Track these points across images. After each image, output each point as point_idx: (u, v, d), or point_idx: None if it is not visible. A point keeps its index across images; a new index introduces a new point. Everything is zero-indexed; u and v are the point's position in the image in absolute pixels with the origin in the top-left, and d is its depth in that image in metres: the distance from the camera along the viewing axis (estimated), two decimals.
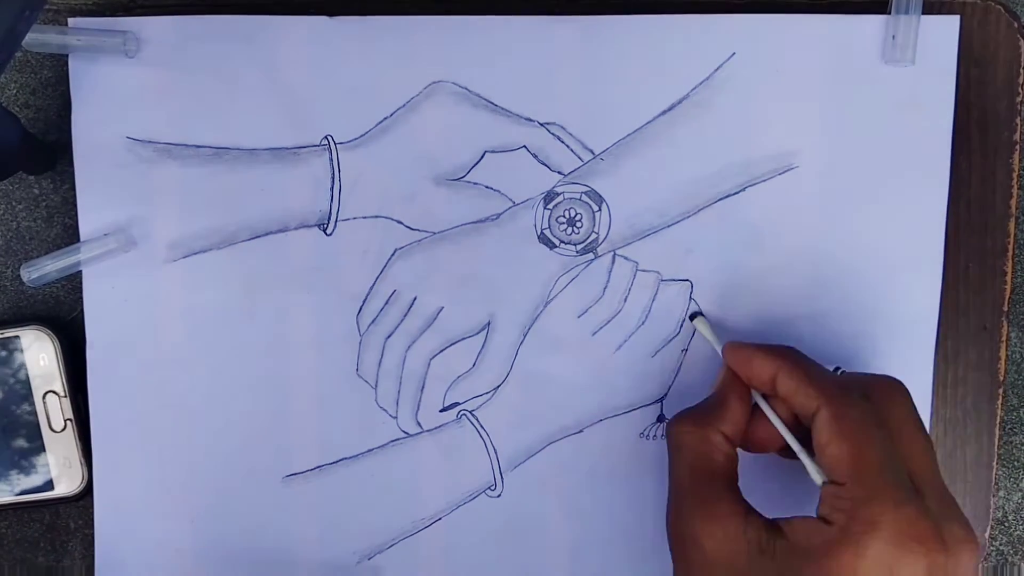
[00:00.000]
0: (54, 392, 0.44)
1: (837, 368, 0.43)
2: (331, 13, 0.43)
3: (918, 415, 0.38)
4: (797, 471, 0.39)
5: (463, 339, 0.44)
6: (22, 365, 0.44)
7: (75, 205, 0.43)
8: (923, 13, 0.42)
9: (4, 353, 0.44)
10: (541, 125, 0.43)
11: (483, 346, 0.44)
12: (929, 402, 0.44)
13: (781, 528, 0.36)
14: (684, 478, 0.38)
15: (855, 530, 0.34)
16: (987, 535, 0.45)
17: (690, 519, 0.37)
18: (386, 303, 0.44)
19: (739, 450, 0.39)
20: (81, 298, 0.44)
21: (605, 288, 0.44)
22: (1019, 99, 0.44)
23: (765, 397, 0.40)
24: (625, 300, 0.44)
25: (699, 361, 0.44)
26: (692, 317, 0.44)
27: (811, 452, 0.38)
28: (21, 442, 0.44)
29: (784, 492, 0.43)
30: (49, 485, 0.44)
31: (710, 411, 0.40)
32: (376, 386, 0.44)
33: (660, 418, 0.45)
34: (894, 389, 0.38)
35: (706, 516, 0.37)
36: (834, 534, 0.34)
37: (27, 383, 0.44)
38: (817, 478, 0.37)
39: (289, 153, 0.43)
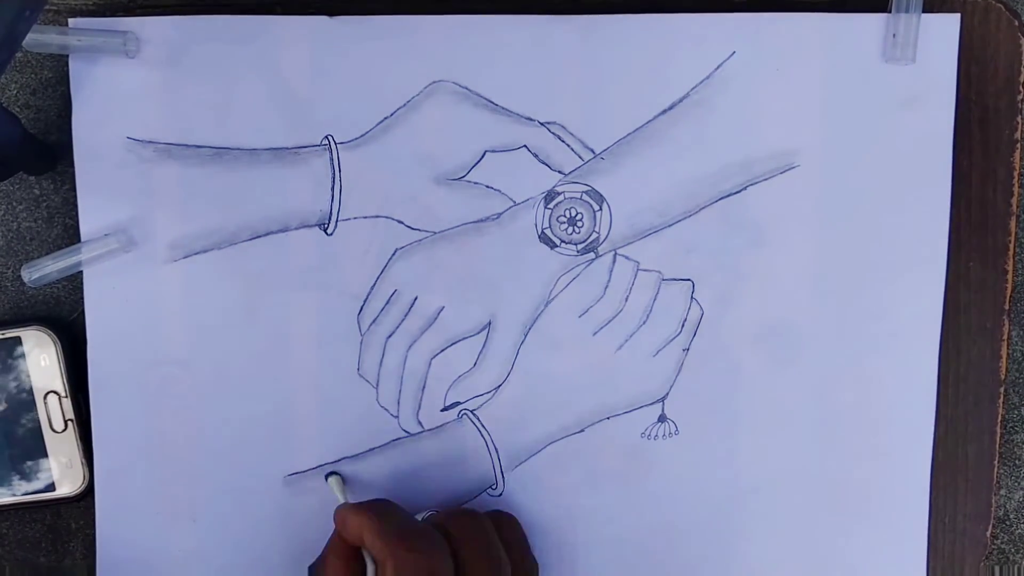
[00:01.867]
0: (55, 392, 0.44)
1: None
2: (331, 13, 0.43)
3: (494, 544, 0.39)
4: None
5: (464, 339, 0.44)
6: (23, 366, 0.44)
7: (75, 205, 0.43)
8: (923, 11, 0.42)
9: (5, 354, 0.44)
10: (541, 124, 0.43)
11: (484, 346, 0.44)
12: (932, 401, 0.44)
13: None
14: None
15: None
16: (988, 533, 0.45)
17: None
18: (387, 303, 0.44)
19: None
20: (82, 298, 0.44)
21: (606, 288, 0.44)
22: (1020, 97, 0.44)
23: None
24: (626, 300, 0.44)
25: (700, 361, 0.44)
26: (327, 477, 0.44)
27: None
28: (22, 443, 0.44)
29: None
30: (50, 486, 0.44)
31: (316, 571, 0.40)
32: (377, 386, 0.44)
33: (661, 418, 0.45)
34: (467, 525, 0.39)
35: None
36: None
37: (28, 384, 0.44)
38: None
39: (289, 153, 0.43)
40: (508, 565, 0.39)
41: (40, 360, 0.44)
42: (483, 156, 0.44)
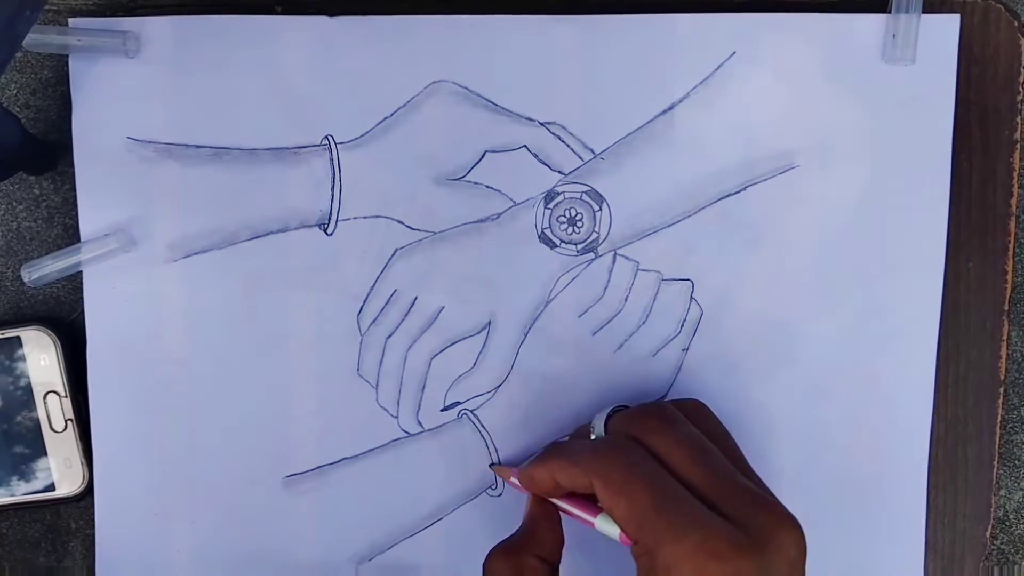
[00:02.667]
0: (55, 392, 0.44)
1: (617, 407, 0.40)
2: (331, 13, 0.43)
3: (681, 427, 0.37)
4: None
5: (464, 339, 0.44)
6: (23, 366, 0.44)
7: (75, 205, 0.43)
8: (923, 12, 0.42)
9: (5, 354, 0.44)
10: (541, 125, 0.43)
11: (484, 346, 0.44)
12: (930, 401, 0.44)
13: None
14: None
15: None
16: (988, 534, 0.45)
17: None
18: (387, 303, 0.44)
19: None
20: (82, 298, 0.44)
21: (606, 288, 0.44)
22: (1019, 98, 0.44)
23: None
24: (626, 300, 0.44)
25: (700, 361, 0.44)
26: (491, 466, 0.44)
27: None
28: (22, 443, 0.44)
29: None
30: (50, 486, 0.44)
31: (521, 538, 0.39)
32: (377, 386, 0.44)
33: None
34: (648, 417, 0.37)
35: None
36: None
37: (28, 384, 0.44)
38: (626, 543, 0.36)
39: (289, 153, 0.43)
40: (712, 446, 0.36)
41: (40, 360, 0.44)
42: (483, 156, 0.44)
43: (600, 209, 0.44)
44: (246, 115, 0.43)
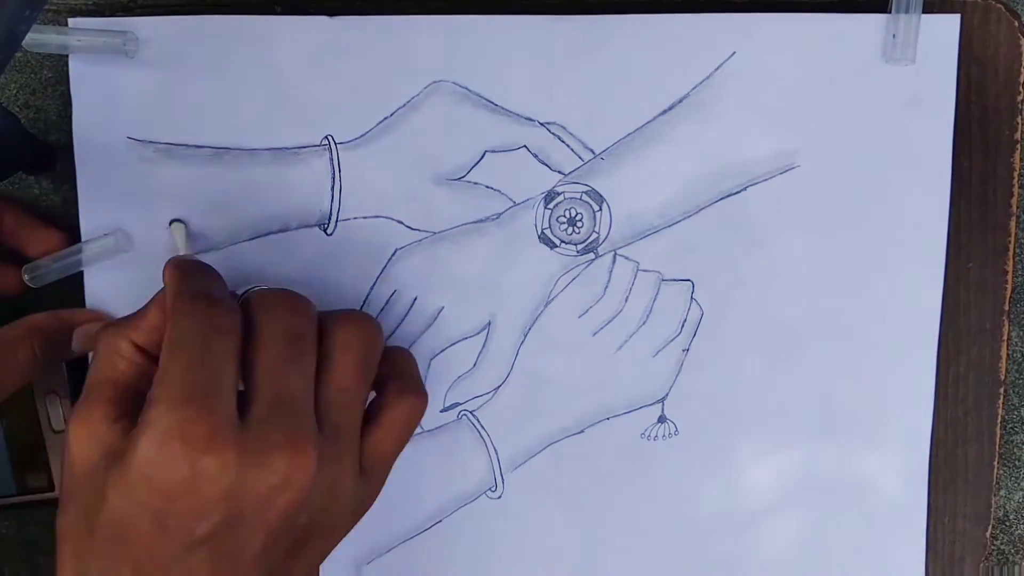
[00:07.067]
0: (55, 393, 0.44)
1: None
2: (331, 13, 0.43)
3: (299, 326, 0.36)
4: None
5: (463, 339, 0.44)
6: None
7: (76, 205, 0.43)
8: (924, 12, 0.42)
9: None
10: (541, 125, 0.43)
11: (483, 346, 0.44)
12: (930, 401, 0.44)
13: None
14: (87, 379, 0.36)
15: (135, 431, 0.33)
16: (988, 534, 0.45)
17: (71, 419, 0.35)
18: (386, 303, 0.44)
19: None
20: (82, 298, 0.44)
21: (606, 288, 0.44)
22: (1020, 98, 0.44)
23: None
24: (626, 300, 0.44)
25: (700, 361, 0.44)
26: (170, 223, 0.42)
27: None
28: (22, 443, 0.44)
29: None
30: (50, 485, 0.44)
31: (128, 318, 0.37)
32: None
33: (661, 419, 0.45)
34: (269, 303, 0.36)
35: (79, 417, 0.35)
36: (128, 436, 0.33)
37: (28, 383, 0.44)
38: None
39: (289, 153, 0.43)
40: (311, 354, 0.36)
41: None
42: (483, 156, 0.44)
43: (600, 209, 0.44)
44: (246, 115, 0.43)
